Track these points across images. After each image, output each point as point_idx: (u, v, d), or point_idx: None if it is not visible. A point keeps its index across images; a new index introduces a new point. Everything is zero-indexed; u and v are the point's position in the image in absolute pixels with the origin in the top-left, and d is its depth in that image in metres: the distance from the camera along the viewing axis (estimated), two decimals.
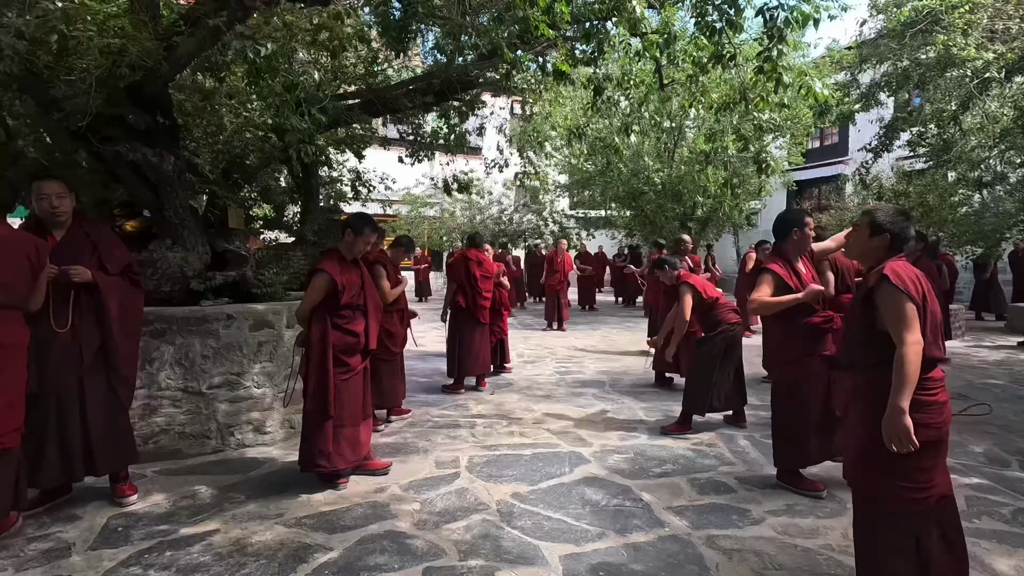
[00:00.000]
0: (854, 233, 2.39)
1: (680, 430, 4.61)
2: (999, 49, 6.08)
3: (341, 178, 7.18)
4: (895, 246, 2.21)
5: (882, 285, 2.09)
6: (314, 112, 3.74)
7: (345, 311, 3.43)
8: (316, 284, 3.36)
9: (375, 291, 3.74)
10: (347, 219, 3.57)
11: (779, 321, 3.45)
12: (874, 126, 8.58)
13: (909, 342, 1.99)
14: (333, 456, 3.36)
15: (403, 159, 6.31)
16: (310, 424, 3.38)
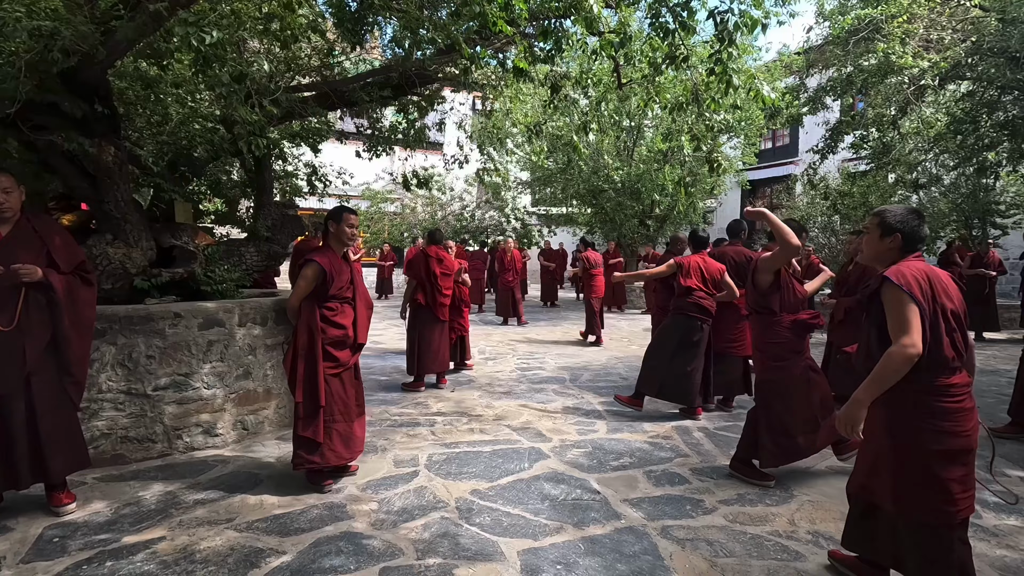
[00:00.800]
0: (866, 237, 2.30)
1: (630, 402, 4.90)
2: (933, 58, 6.44)
3: (296, 172, 6.99)
4: (908, 246, 2.15)
5: (884, 285, 2.07)
6: (265, 104, 3.62)
7: (333, 303, 3.39)
8: (306, 274, 3.32)
9: (364, 286, 3.70)
10: (327, 214, 3.54)
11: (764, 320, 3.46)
12: (821, 129, 8.95)
13: (903, 343, 1.95)
14: (325, 451, 3.30)
15: (360, 153, 6.18)
16: (300, 417, 3.31)
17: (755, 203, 18.80)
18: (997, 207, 11.02)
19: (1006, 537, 2.92)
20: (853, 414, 2.07)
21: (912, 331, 1.96)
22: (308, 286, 3.32)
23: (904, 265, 2.09)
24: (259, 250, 5.09)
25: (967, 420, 2.04)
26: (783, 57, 12.82)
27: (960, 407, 2.04)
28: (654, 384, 4.88)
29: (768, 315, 3.45)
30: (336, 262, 3.41)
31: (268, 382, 4.40)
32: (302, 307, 3.36)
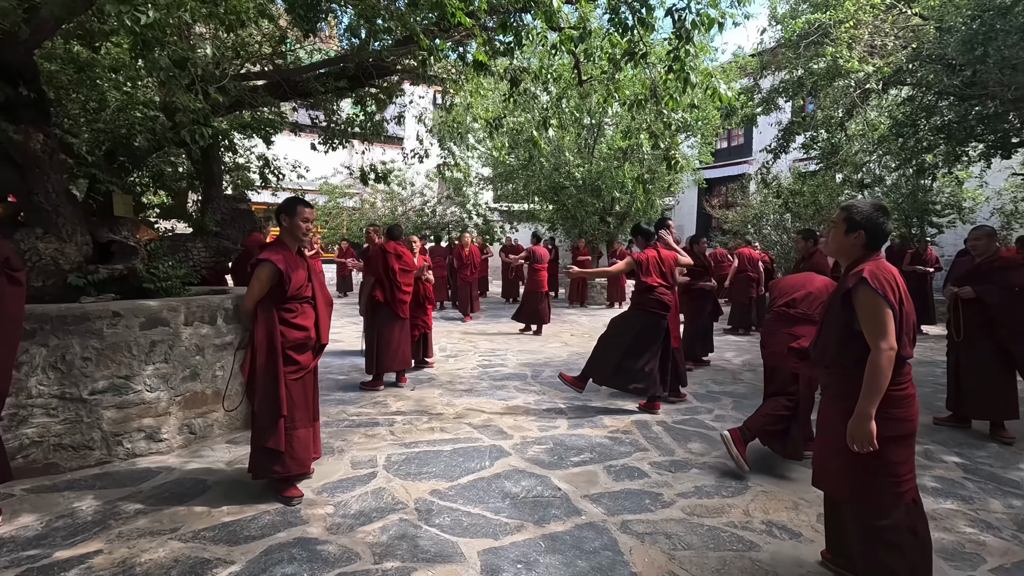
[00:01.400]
0: (832, 230, 2.33)
1: (573, 382, 4.97)
2: (878, 63, 6.71)
3: (248, 164, 6.73)
4: (872, 243, 2.19)
5: (860, 288, 2.10)
6: (211, 91, 3.43)
7: (292, 304, 3.20)
8: (259, 276, 3.10)
9: (324, 282, 3.52)
10: (278, 207, 3.32)
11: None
12: (774, 129, 9.23)
13: (883, 348, 2.01)
14: (287, 460, 3.13)
15: (316, 146, 5.98)
16: (261, 427, 3.12)
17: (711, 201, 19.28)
18: (934, 207, 11.64)
19: (943, 520, 3.06)
20: (864, 429, 2.07)
21: (890, 334, 2.03)
22: (262, 288, 3.11)
23: (877, 268, 2.13)
24: (207, 245, 4.87)
25: (911, 406, 2.17)
26: (738, 59, 13.16)
27: (905, 394, 2.15)
28: (605, 372, 4.91)
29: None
30: (292, 259, 3.21)
31: (217, 384, 4.21)
32: (258, 310, 3.14)
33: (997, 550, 2.77)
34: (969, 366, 4.46)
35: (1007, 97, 5.82)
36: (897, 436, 2.13)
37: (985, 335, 4.40)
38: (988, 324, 4.38)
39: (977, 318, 4.42)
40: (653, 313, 4.88)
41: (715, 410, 5.14)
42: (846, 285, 2.19)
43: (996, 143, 7.08)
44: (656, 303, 4.89)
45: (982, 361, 4.39)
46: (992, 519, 3.09)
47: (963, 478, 3.64)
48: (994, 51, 5.55)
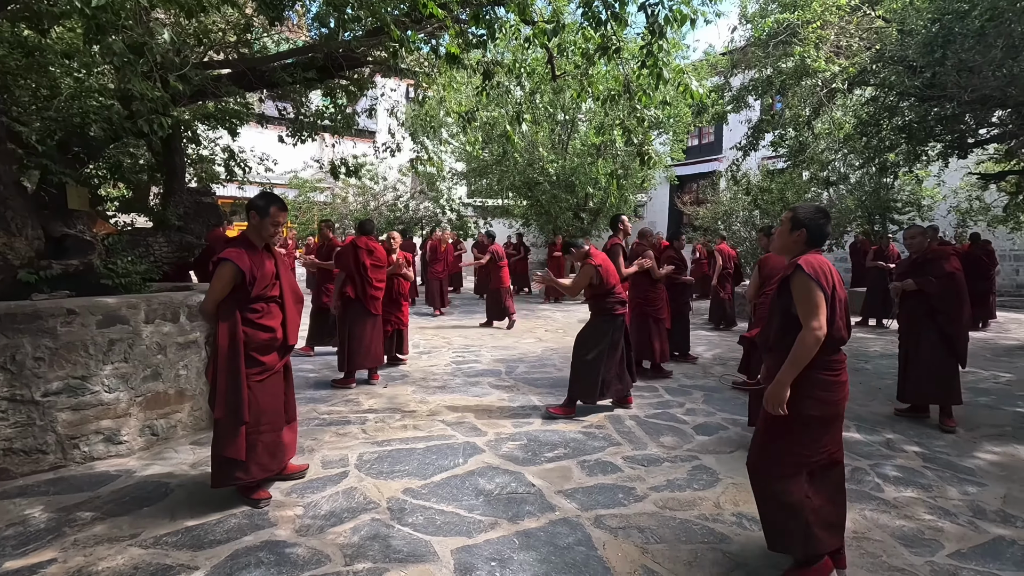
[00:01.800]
0: (779, 228, 2.55)
1: (565, 412, 4.75)
2: (843, 63, 6.88)
3: (213, 157, 6.51)
4: (812, 241, 2.40)
5: (795, 273, 2.29)
6: (171, 79, 3.29)
7: (257, 304, 3.06)
8: (220, 275, 2.95)
9: (293, 279, 3.37)
10: (250, 202, 3.17)
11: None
12: (743, 127, 9.39)
13: (813, 327, 2.20)
14: (250, 466, 3.01)
15: (284, 139, 5.82)
16: (221, 432, 2.98)
17: (682, 197, 19.55)
18: (895, 205, 12.03)
19: (904, 508, 3.16)
20: (778, 394, 2.28)
21: (820, 315, 2.22)
22: (224, 288, 2.96)
23: (811, 257, 2.34)
24: (169, 240, 4.70)
25: (841, 391, 2.36)
26: (709, 57, 13.34)
27: (837, 380, 2.35)
28: (592, 391, 4.74)
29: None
30: (256, 257, 3.07)
31: (181, 383, 4.07)
32: (220, 310, 2.99)
33: (954, 536, 2.87)
34: (915, 355, 4.68)
35: (964, 99, 6.03)
36: (820, 416, 2.32)
37: (928, 324, 4.63)
38: (930, 313, 4.62)
39: (920, 308, 4.67)
40: (618, 315, 4.84)
41: (686, 404, 5.20)
42: (785, 274, 2.39)
43: (953, 143, 7.34)
44: (619, 303, 4.85)
45: (927, 349, 4.61)
46: (950, 506, 3.20)
47: (922, 467, 3.76)
48: (952, 54, 5.74)
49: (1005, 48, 5.40)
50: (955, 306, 4.54)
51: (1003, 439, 4.35)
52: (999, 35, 5.37)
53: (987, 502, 3.25)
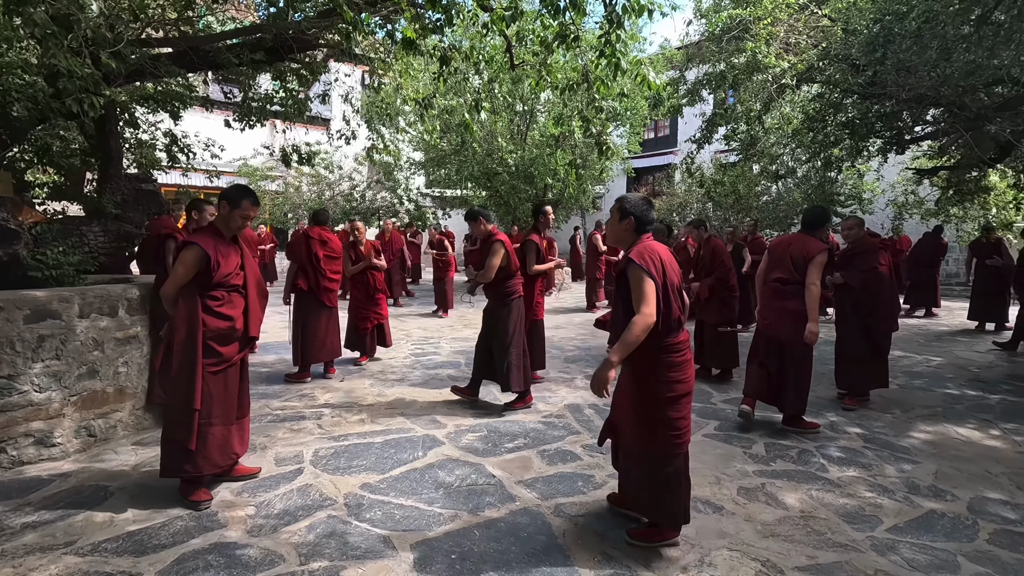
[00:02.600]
0: (610, 220, 2.72)
1: (523, 404, 4.68)
2: (792, 60, 7.11)
3: (154, 141, 6.16)
4: (640, 228, 2.59)
5: (629, 266, 2.49)
6: (103, 56, 3.06)
7: (219, 291, 2.98)
8: (185, 259, 2.89)
9: (257, 271, 3.28)
10: (224, 191, 3.12)
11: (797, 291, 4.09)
12: (698, 120, 9.60)
13: (644, 312, 2.38)
14: (198, 459, 2.90)
15: (231, 123, 5.55)
16: (171, 420, 2.90)
17: (639, 189, 19.88)
18: (839, 198, 12.58)
19: (846, 487, 3.32)
20: (603, 374, 2.45)
21: (650, 302, 2.39)
22: (188, 272, 2.91)
23: (643, 247, 2.51)
24: (106, 229, 4.43)
25: (687, 370, 2.56)
26: (665, 51, 13.54)
27: (683, 360, 2.54)
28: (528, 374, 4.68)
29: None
30: (222, 245, 3.02)
31: (121, 380, 3.85)
32: (180, 296, 2.93)
33: (892, 511, 3.03)
34: (841, 343, 4.99)
35: (902, 97, 6.32)
36: (674, 396, 2.52)
37: (852, 315, 4.92)
38: (854, 305, 4.90)
39: (847, 300, 4.94)
40: (515, 300, 4.69)
41: None
42: (622, 266, 2.57)
43: (892, 139, 7.71)
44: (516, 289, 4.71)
45: (850, 338, 4.90)
46: (888, 483, 3.38)
47: (863, 447, 3.96)
48: (891, 54, 6.00)
49: (939, 50, 5.69)
50: (876, 299, 4.79)
51: (935, 419, 4.63)
52: (934, 37, 5.65)
53: (921, 478, 3.45)
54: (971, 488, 3.33)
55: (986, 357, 7.14)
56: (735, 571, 2.44)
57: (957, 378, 6.03)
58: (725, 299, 5.68)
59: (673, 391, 2.52)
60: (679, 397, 2.54)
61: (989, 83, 5.95)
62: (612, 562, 2.50)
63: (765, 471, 3.53)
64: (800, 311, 4.11)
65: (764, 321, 4.37)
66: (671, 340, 2.51)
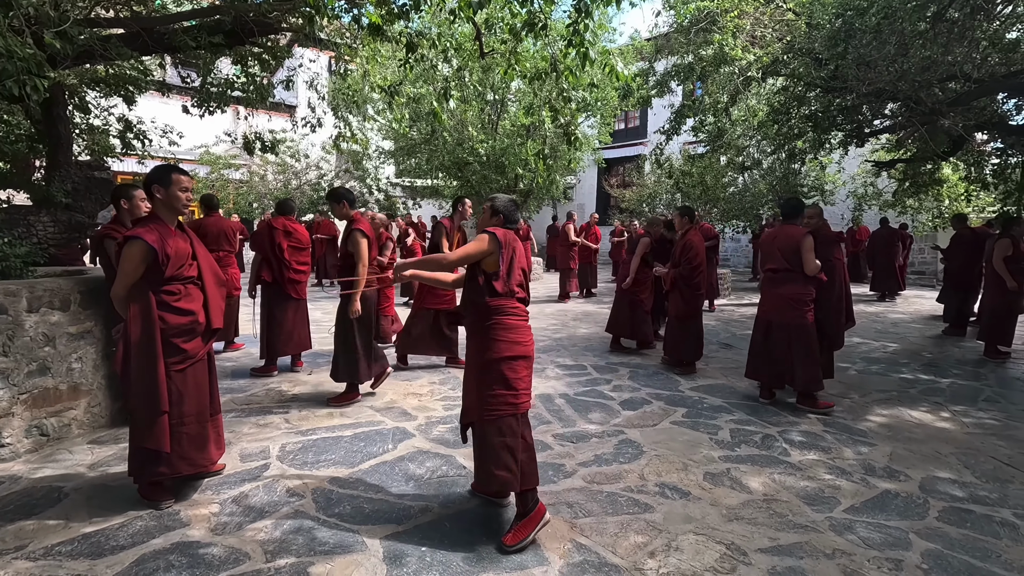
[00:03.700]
0: (481, 216, 2.99)
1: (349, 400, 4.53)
2: (758, 53, 7.21)
3: (107, 127, 5.89)
4: (507, 225, 2.87)
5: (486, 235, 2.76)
6: (46, 36, 2.89)
7: (173, 285, 2.83)
8: (129, 256, 2.71)
9: (212, 259, 3.13)
10: (146, 177, 2.90)
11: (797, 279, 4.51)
12: (667, 111, 9.68)
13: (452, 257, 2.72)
14: (173, 459, 2.79)
15: (189, 109, 5.34)
16: (138, 425, 2.75)
17: (609, 180, 19.99)
18: (802, 189, 12.91)
19: (807, 470, 3.43)
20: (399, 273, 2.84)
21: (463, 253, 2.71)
22: (135, 269, 2.74)
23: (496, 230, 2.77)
24: (56, 220, 4.23)
25: (526, 334, 2.74)
26: (635, 42, 13.59)
27: (521, 324, 2.74)
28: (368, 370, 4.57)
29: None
30: (169, 235, 2.84)
31: (75, 377, 3.70)
32: (131, 293, 2.77)
33: (849, 492, 3.15)
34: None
35: (862, 91, 6.49)
36: (515, 356, 2.67)
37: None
38: None
39: None
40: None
41: (613, 380, 5.37)
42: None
43: (852, 132, 7.92)
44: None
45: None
46: (845, 465, 3.51)
47: (823, 431, 4.10)
48: (852, 49, 6.15)
49: (897, 45, 5.86)
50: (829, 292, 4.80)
51: (890, 403, 4.82)
52: (892, 32, 5.81)
53: (876, 460, 3.59)
54: (923, 468, 3.49)
55: (938, 343, 7.47)
56: (701, 555, 2.50)
57: (912, 363, 6.28)
58: (686, 294, 5.73)
59: (510, 351, 2.66)
60: (519, 358, 2.68)
61: (943, 79, 6.16)
62: (582, 550, 2.53)
63: (730, 456, 3.62)
64: (792, 295, 4.52)
65: (762, 308, 4.77)
66: (507, 304, 2.72)
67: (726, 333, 7.91)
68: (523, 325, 2.77)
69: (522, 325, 2.76)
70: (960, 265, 8.13)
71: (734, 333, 7.92)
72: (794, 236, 4.55)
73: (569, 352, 6.61)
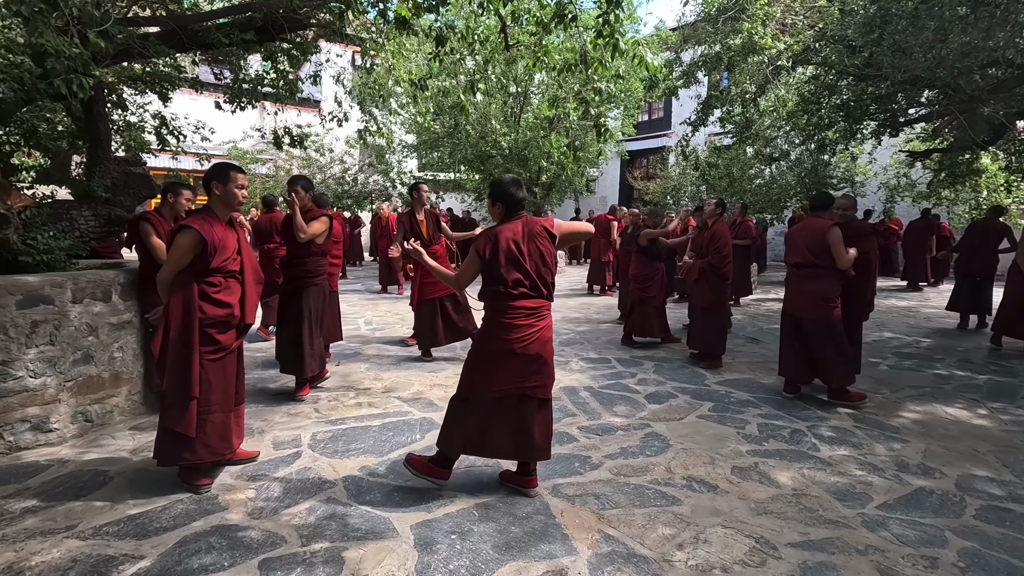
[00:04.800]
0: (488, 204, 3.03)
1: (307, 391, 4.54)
2: (788, 41, 7.06)
3: (143, 124, 6.05)
4: (509, 211, 2.88)
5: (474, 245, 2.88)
6: (91, 35, 2.98)
7: (216, 277, 2.93)
8: (180, 244, 2.83)
9: (254, 257, 3.24)
10: (207, 174, 3.04)
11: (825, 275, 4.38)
12: (693, 102, 9.54)
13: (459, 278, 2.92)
14: (198, 447, 2.89)
15: (221, 105, 5.45)
16: (169, 408, 2.86)
17: (633, 172, 19.78)
18: (831, 181, 12.60)
19: (838, 466, 3.38)
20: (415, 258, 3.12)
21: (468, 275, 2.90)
22: (183, 257, 2.85)
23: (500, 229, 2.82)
24: (96, 214, 4.37)
25: (513, 333, 2.79)
26: (660, 32, 13.40)
27: (512, 323, 2.80)
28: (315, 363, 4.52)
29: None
30: (220, 229, 2.95)
31: (116, 366, 3.84)
32: (176, 281, 2.88)
33: (882, 488, 3.10)
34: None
35: (897, 79, 6.30)
36: (495, 351, 2.81)
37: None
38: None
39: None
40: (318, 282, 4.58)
41: (638, 374, 5.35)
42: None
43: (886, 122, 7.71)
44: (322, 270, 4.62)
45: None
46: (877, 462, 3.45)
47: (854, 427, 4.03)
48: (888, 35, 5.97)
49: (935, 31, 5.67)
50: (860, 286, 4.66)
51: (923, 399, 4.71)
52: (930, 18, 5.62)
53: (910, 457, 3.52)
54: (959, 466, 3.41)
55: (974, 338, 7.25)
56: (729, 548, 2.50)
57: (946, 358, 6.12)
58: (713, 284, 5.67)
59: (494, 346, 2.80)
60: (498, 354, 2.80)
61: (984, 65, 5.94)
62: (610, 540, 2.55)
63: (758, 451, 3.59)
64: (819, 292, 4.40)
65: (788, 304, 4.66)
66: (502, 304, 2.80)
67: (753, 327, 7.81)
68: (514, 324, 2.79)
69: (512, 324, 2.79)
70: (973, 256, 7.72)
71: (761, 327, 7.81)
72: (820, 229, 4.41)
73: (593, 345, 6.60)
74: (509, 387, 2.83)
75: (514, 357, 2.80)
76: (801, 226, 4.64)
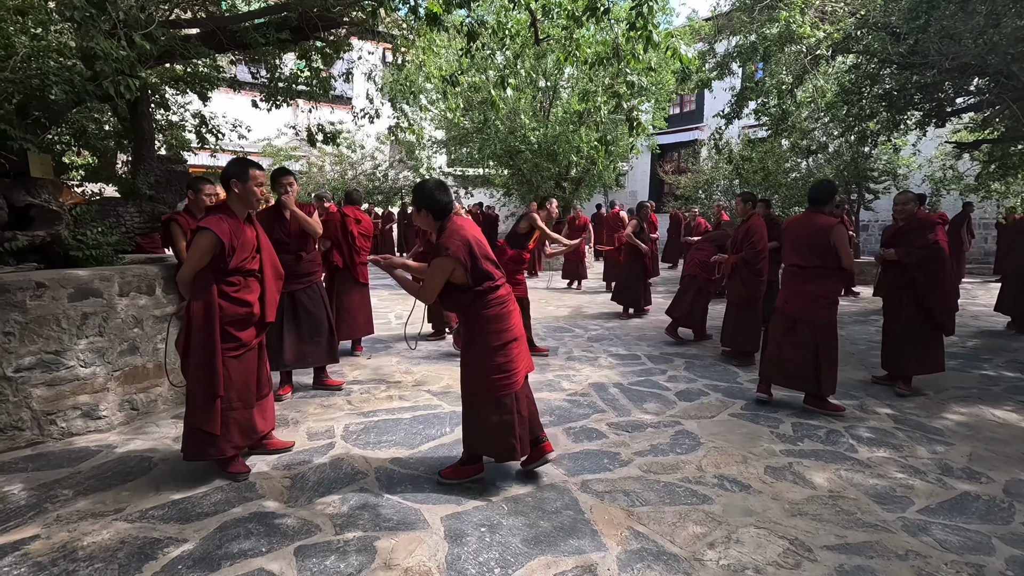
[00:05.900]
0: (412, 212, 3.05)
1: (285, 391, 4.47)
2: (828, 29, 6.83)
3: (183, 123, 6.25)
4: (438, 217, 2.88)
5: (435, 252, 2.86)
6: (136, 38, 3.09)
7: (235, 276, 2.98)
8: (198, 244, 2.86)
9: (273, 254, 3.27)
10: (224, 171, 3.05)
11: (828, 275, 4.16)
12: (726, 95, 9.33)
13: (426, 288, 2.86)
14: (221, 443, 2.97)
15: (258, 104, 5.59)
16: (194, 406, 2.94)
17: (664, 166, 19.48)
18: (872, 174, 12.16)
19: (877, 468, 3.28)
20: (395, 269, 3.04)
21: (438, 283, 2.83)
22: (202, 258, 2.88)
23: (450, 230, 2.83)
24: (141, 210, 4.54)
25: (509, 319, 2.90)
26: (692, 22, 13.12)
27: (504, 312, 2.88)
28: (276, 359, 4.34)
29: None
30: (238, 228, 2.98)
31: (160, 356, 3.99)
32: (196, 280, 2.92)
33: (924, 492, 2.99)
34: (897, 325, 4.69)
35: (944, 67, 6.03)
36: (502, 343, 2.86)
37: (908, 295, 4.61)
38: (910, 284, 4.58)
39: (901, 279, 4.64)
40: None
41: (668, 371, 5.29)
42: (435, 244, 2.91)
43: (931, 112, 7.39)
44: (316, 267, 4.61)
45: (907, 320, 4.61)
46: (919, 464, 3.33)
47: (894, 428, 3.90)
48: (935, 21, 5.72)
49: (987, 15, 5.40)
50: (934, 276, 4.48)
51: (969, 400, 4.53)
52: (982, 1, 5.37)
53: (954, 460, 3.40)
54: (1007, 471, 3.27)
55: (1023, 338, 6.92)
56: (762, 548, 2.46)
57: (994, 359, 5.87)
58: (747, 279, 5.55)
59: (498, 339, 2.84)
60: (504, 344, 2.85)
61: None
62: (640, 537, 2.53)
63: (792, 451, 3.51)
64: (822, 292, 4.15)
65: (784, 303, 4.36)
66: (490, 295, 2.85)
67: None
68: (505, 311, 2.88)
69: (504, 314, 2.88)
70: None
71: None
72: (823, 228, 4.08)
73: (622, 341, 6.55)
74: (524, 367, 2.97)
75: (516, 341, 2.92)
76: (800, 223, 4.29)
